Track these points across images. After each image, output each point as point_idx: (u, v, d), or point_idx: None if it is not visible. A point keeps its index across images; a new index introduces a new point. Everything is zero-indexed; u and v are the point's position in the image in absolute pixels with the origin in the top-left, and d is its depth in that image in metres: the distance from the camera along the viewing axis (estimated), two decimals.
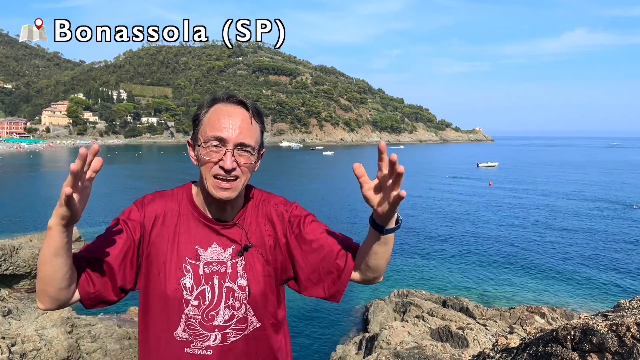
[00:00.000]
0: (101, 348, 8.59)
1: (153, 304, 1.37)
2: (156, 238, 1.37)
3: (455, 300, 11.68)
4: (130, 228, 1.36)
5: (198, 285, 1.35)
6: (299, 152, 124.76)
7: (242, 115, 1.32)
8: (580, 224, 26.88)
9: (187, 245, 1.37)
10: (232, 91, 1.40)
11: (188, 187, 1.46)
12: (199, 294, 1.35)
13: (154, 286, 1.36)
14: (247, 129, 1.31)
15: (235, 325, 1.38)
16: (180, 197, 1.43)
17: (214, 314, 1.36)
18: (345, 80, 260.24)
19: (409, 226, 26.31)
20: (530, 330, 5.66)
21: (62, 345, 7.62)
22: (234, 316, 1.37)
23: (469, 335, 7.99)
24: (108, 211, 29.09)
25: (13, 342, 7.04)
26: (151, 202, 1.42)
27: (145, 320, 1.39)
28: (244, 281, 1.39)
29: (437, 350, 6.75)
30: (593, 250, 21.07)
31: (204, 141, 1.30)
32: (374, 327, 11.17)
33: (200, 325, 1.35)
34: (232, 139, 1.28)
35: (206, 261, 1.37)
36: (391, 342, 8.37)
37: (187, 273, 1.35)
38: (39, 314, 8.19)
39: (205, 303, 1.35)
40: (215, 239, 1.39)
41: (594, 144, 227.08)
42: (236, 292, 1.38)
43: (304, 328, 12.81)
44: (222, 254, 1.38)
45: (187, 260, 1.36)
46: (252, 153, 1.33)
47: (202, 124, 1.33)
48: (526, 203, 34.96)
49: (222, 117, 1.30)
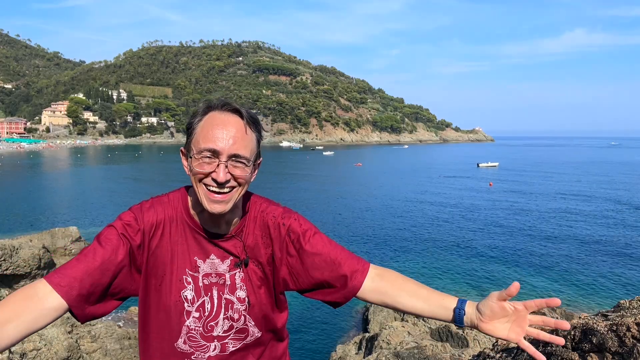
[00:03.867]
0: (101, 348, 8.59)
1: (153, 316, 1.34)
2: (156, 249, 1.32)
3: None
4: (128, 237, 1.28)
5: (199, 297, 1.33)
6: (299, 152, 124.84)
7: (236, 124, 1.24)
8: (581, 224, 26.89)
9: (186, 256, 1.33)
10: (229, 97, 1.38)
11: (184, 194, 1.39)
12: (199, 305, 1.33)
13: (154, 298, 1.33)
14: (242, 139, 1.24)
15: (235, 336, 1.36)
16: (176, 204, 1.37)
17: (214, 325, 1.34)
18: (345, 80, 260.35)
19: (410, 225, 26.32)
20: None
21: (62, 345, 7.62)
22: (233, 327, 1.36)
23: (469, 335, 7.99)
24: (107, 211, 29.12)
25: None
26: (149, 209, 1.34)
27: (145, 331, 1.37)
28: (243, 293, 1.36)
29: (437, 350, 6.75)
30: (593, 250, 21.09)
31: (196, 152, 1.23)
32: (374, 327, 11.17)
33: (201, 336, 1.33)
34: (226, 150, 1.21)
35: (205, 272, 1.34)
36: (391, 342, 8.37)
37: (187, 285, 1.32)
38: None
39: (205, 314, 1.34)
40: (213, 250, 1.35)
41: (593, 144, 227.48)
42: (235, 304, 1.36)
43: (304, 328, 12.83)
44: (220, 266, 1.35)
45: (187, 272, 1.33)
46: (246, 164, 1.25)
47: (195, 134, 1.25)
48: (527, 203, 34.98)
49: (216, 127, 1.22)
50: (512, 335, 1.20)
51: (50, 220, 25.83)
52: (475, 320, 1.25)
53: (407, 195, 39.34)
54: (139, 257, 1.30)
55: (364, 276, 1.37)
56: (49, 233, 17.42)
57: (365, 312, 13.08)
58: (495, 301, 1.21)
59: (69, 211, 29.62)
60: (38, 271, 14.56)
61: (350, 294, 1.38)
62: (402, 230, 25.07)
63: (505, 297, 1.20)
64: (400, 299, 1.35)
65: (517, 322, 1.21)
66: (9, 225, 25.08)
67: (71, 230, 17.67)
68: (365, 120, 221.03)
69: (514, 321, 1.21)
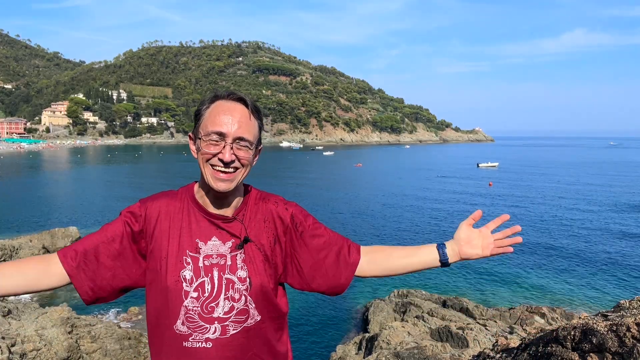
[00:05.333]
0: (101, 348, 8.59)
1: (155, 299, 1.40)
2: (158, 234, 1.41)
3: (455, 301, 11.68)
4: (130, 222, 1.41)
5: (197, 277, 1.37)
6: (299, 152, 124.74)
7: (241, 111, 1.37)
8: (580, 224, 26.90)
9: (188, 239, 1.40)
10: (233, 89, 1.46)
11: (191, 186, 1.51)
12: (198, 285, 1.37)
13: (155, 280, 1.39)
14: (246, 124, 1.36)
15: (235, 318, 1.39)
16: (183, 196, 1.47)
17: (214, 306, 1.37)
18: (345, 80, 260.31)
19: (409, 225, 26.33)
20: (530, 330, 5.67)
21: (62, 345, 7.62)
22: (234, 308, 1.38)
23: (469, 335, 7.99)
24: (107, 211, 29.08)
25: (13, 342, 7.04)
26: (155, 199, 1.47)
27: (150, 317, 1.43)
28: (244, 273, 1.41)
29: (437, 350, 6.76)
30: (593, 250, 21.09)
31: (204, 135, 1.35)
32: (373, 327, 11.17)
33: (199, 317, 1.36)
34: (232, 133, 1.33)
35: (206, 254, 1.40)
36: (391, 342, 8.37)
37: (187, 265, 1.38)
38: (38, 314, 8.19)
39: (205, 295, 1.37)
40: (215, 232, 1.42)
41: (593, 144, 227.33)
42: (236, 283, 1.39)
43: (304, 328, 12.82)
44: (221, 247, 1.41)
45: (188, 253, 1.39)
46: (250, 147, 1.37)
47: (203, 119, 1.38)
48: (526, 203, 34.98)
49: (222, 112, 1.35)
50: (486, 252, 1.46)
51: (50, 220, 25.84)
52: (456, 248, 1.49)
53: (406, 195, 39.34)
54: (142, 242, 1.42)
55: (359, 252, 1.54)
56: (49, 233, 17.43)
57: (365, 312, 13.08)
58: (465, 227, 1.48)
59: (69, 211, 29.65)
60: None
61: (351, 269, 1.51)
62: (401, 229, 25.07)
63: (471, 222, 1.48)
64: (392, 261, 1.53)
65: (485, 242, 1.47)
66: (8, 225, 25.07)
67: (71, 231, 17.67)
68: (365, 121, 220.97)
69: (482, 241, 1.47)
